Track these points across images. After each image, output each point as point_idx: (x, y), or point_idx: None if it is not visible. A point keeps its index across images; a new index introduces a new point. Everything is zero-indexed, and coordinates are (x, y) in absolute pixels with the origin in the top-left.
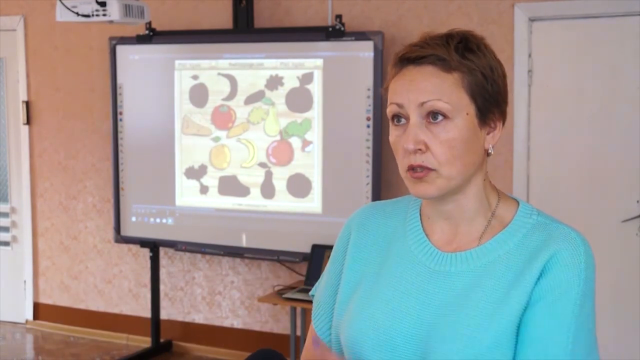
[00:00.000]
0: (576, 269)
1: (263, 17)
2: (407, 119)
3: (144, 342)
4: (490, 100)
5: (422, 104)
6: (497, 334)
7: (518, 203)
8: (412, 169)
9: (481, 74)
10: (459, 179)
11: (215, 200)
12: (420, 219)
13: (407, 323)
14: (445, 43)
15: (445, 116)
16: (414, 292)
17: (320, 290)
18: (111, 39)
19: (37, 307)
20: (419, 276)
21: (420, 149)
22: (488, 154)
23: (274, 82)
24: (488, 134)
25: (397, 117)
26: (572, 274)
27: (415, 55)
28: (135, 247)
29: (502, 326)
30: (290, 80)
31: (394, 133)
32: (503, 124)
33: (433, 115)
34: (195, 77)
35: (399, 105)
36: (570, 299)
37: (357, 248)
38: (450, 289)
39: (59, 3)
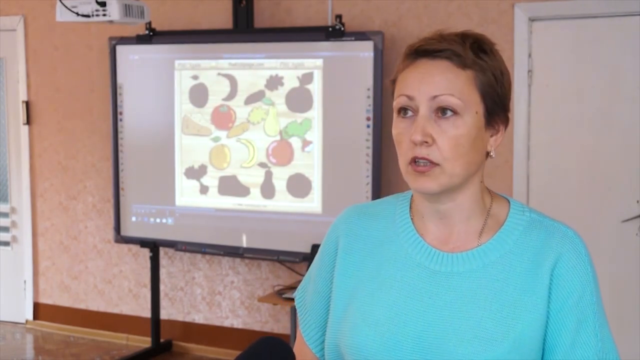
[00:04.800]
0: (584, 268)
1: (263, 17)
2: (415, 112)
3: (144, 342)
4: (498, 103)
5: (434, 97)
6: (515, 338)
7: (508, 201)
8: (414, 161)
9: (492, 75)
10: (461, 177)
11: (215, 200)
12: (412, 219)
13: (414, 326)
14: (461, 41)
15: (455, 112)
16: (417, 294)
17: (308, 297)
18: (111, 39)
19: (37, 307)
20: (420, 278)
21: (426, 142)
22: (489, 156)
23: (274, 82)
24: (492, 136)
25: (404, 109)
26: (582, 274)
27: (432, 49)
28: (135, 247)
29: (518, 330)
30: (290, 80)
31: (399, 125)
32: (505, 129)
33: (443, 110)
34: (195, 77)
35: (410, 98)
36: (588, 299)
37: (347, 254)
38: (454, 289)
39: (59, 3)
